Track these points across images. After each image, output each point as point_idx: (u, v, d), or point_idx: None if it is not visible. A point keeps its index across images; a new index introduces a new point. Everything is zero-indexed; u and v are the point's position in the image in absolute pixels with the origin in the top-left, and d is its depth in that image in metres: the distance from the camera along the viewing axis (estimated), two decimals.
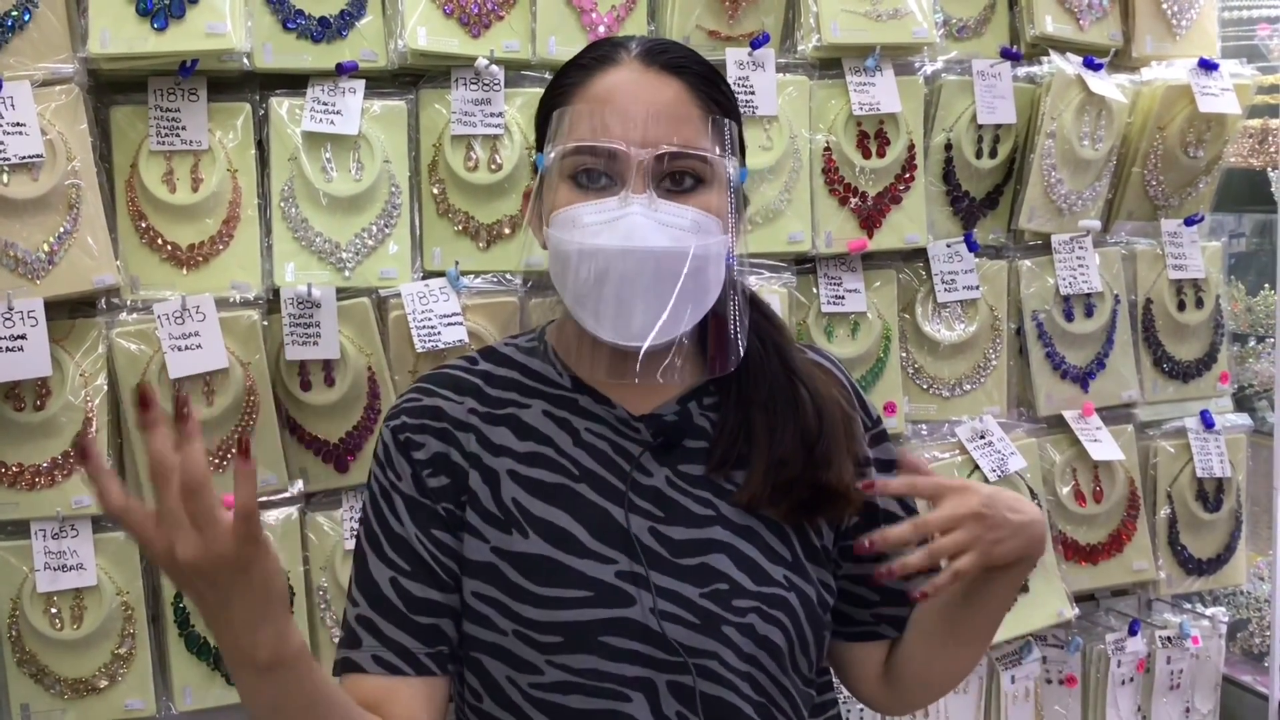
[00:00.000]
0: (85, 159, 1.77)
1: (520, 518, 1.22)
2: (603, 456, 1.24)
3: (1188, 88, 2.26)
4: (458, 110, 1.92)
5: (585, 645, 1.17)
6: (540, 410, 1.27)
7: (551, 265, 1.22)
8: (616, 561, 1.20)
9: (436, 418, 1.25)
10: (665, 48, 1.24)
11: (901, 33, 2.10)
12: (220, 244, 1.86)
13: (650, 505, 1.23)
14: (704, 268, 1.18)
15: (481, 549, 1.22)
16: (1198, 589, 2.48)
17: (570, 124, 1.19)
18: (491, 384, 1.29)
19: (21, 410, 1.77)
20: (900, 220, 2.16)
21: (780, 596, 1.21)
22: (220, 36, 1.76)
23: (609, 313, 1.16)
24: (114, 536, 1.83)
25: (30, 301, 1.72)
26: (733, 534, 1.22)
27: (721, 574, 1.20)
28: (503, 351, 1.33)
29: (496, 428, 1.26)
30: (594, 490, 1.23)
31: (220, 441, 1.84)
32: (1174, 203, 2.39)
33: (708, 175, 1.20)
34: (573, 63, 1.26)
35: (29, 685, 1.82)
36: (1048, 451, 2.31)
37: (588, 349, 1.23)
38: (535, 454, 1.25)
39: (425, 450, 1.24)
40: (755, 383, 1.27)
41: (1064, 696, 2.41)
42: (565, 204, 1.19)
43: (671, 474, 1.24)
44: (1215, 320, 2.44)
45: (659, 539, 1.21)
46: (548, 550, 1.20)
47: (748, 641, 1.19)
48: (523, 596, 1.19)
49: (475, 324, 1.91)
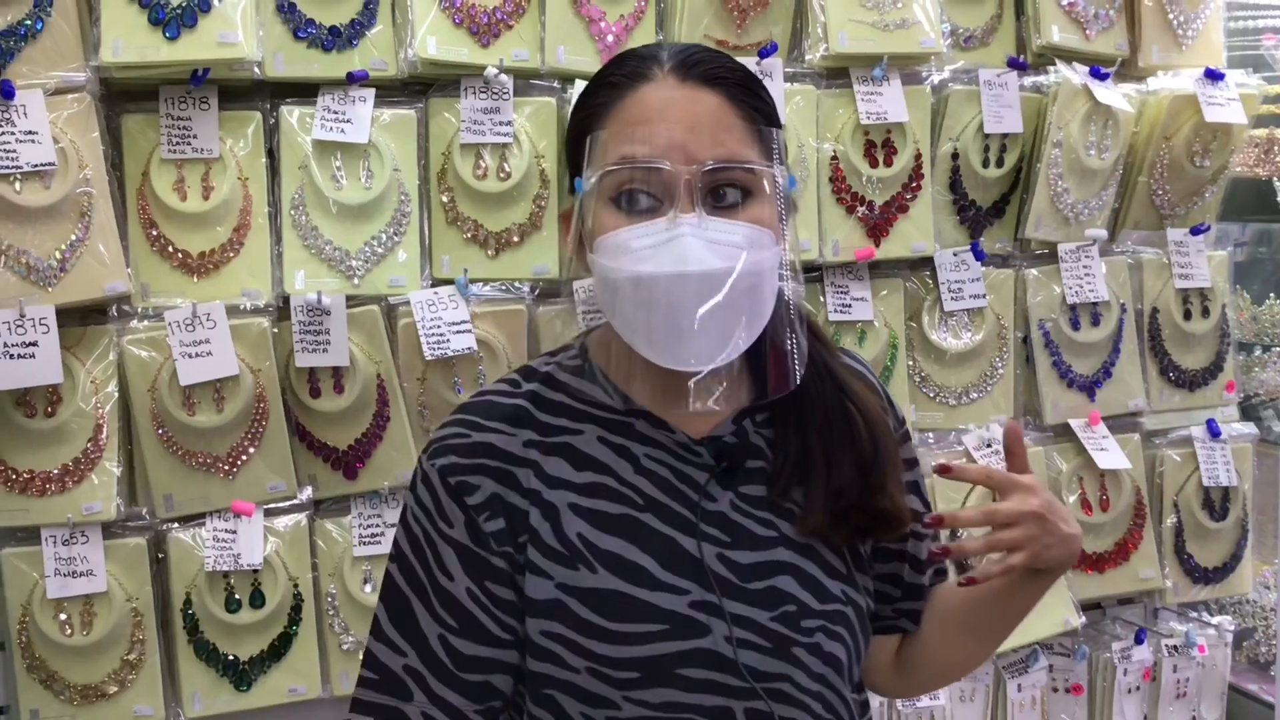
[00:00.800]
0: (97, 167, 1.78)
1: (586, 552, 1.17)
2: (665, 484, 1.21)
3: (1194, 97, 2.26)
4: (467, 119, 1.93)
5: (663, 679, 1.15)
6: (595, 436, 1.22)
7: (600, 291, 1.17)
8: (689, 592, 1.17)
9: (491, 455, 1.19)
10: (700, 59, 1.18)
11: (909, 42, 2.11)
12: (231, 252, 1.86)
13: (717, 531, 1.20)
14: (759, 284, 1.14)
15: (546, 586, 1.17)
16: (1204, 598, 2.48)
17: (608, 146, 1.15)
18: (541, 408, 1.23)
19: (33, 417, 1.78)
20: (907, 229, 2.17)
21: (841, 612, 1.21)
22: (232, 46, 1.77)
23: (664, 339, 1.12)
24: (124, 543, 1.84)
25: (42, 309, 1.73)
26: (795, 553, 1.21)
27: (789, 595, 1.19)
28: (544, 370, 1.26)
29: (550, 458, 1.20)
30: (660, 520, 1.19)
31: (230, 447, 1.85)
32: (1180, 212, 2.39)
33: (755, 186, 1.15)
34: (603, 81, 1.21)
35: (39, 691, 1.82)
36: (1054, 460, 2.31)
37: (640, 370, 1.18)
38: (596, 484, 1.20)
39: (480, 493, 1.18)
40: (809, 404, 1.23)
41: (1070, 705, 2.41)
42: (610, 228, 1.14)
43: (735, 497, 1.22)
44: (1221, 329, 2.45)
45: (727, 564, 1.19)
46: (618, 584, 1.16)
47: (816, 660, 1.18)
48: (595, 633, 1.15)
49: (484, 331, 1.92)
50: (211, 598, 1.86)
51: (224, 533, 1.86)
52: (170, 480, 1.84)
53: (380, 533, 1.95)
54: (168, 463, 1.84)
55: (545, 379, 1.25)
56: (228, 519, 1.86)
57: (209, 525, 1.86)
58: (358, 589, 1.93)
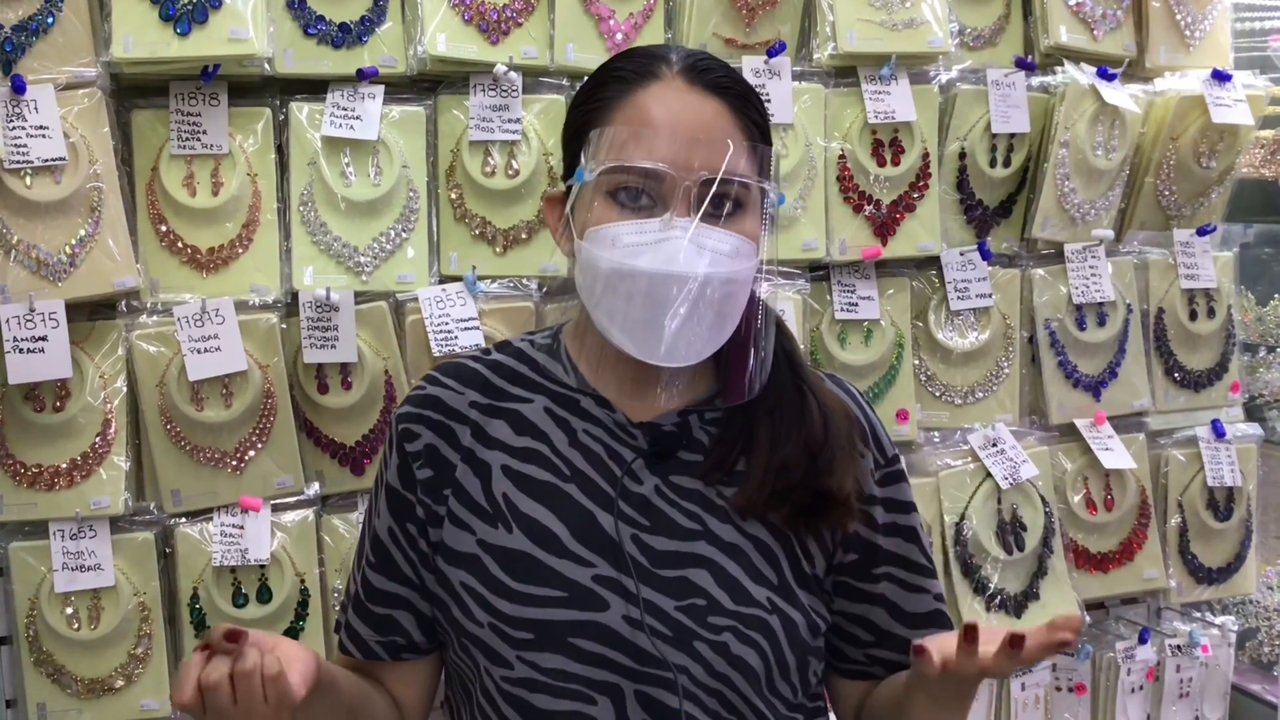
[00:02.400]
0: (107, 162, 1.78)
1: (507, 512, 1.24)
2: (596, 459, 1.26)
3: (1201, 98, 2.26)
4: (476, 116, 1.93)
5: (554, 645, 1.19)
6: (542, 407, 1.29)
7: (581, 278, 1.22)
8: (595, 565, 1.21)
9: (435, 409, 1.29)
10: (708, 65, 1.23)
11: (917, 42, 2.11)
12: (240, 247, 1.87)
13: (635, 513, 1.23)
14: (737, 292, 1.19)
15: (467, 540, 1.24)
16: (1208, 598, 2.48)
17: (613, 141, 1.19)
18: (498, 374, 1.32)
19: (41, 411, 1.79)
20: (914, 228, 2.17)
21: (759, 618, 1.21)
22: (242, 42, 1.77)
23: (639, 332, 1.17)
24: (132, 537, 1.84)
25: (51, 303, 1.73)
26: (718, 550, 1.23)
27: (700, 589, 1.21)
28: (517, 345, 1.36)
29: (495, 420, 1.28)
30: (582, 492, 1.24)
31: (238, 443, 1.85)
32: (1186, 212, 2.39)
33: (747, 200, 1.21)
34: (611, 74, 1.25)
35: (46, 685, 1.83)
36: (1059, 459, 2.32)
37: (610, 362, 1.24)
38: (530, 450, 1.27)
39: (419, 442, 1.29)
40: (764, 390, 1.26)
41: (1074, 704, 2.41)
42: (604, 221, 1.19)
43: (662, 483, 1.25)
44: (1227, 330, 2.45)
45: (640, 547, 1.22)
46: (528, 547, 1.22)
47: (719, 659, 1.19)
48: (499, 590, 1.21)
49: (492, 328, 1.92)
50: (218, 592, 1.86)
51: (231, 528, 1.86)
52: (178, 475, 1.85)
53: None
54: (176, 458, 1.84)
55: (515, 352, 1.35)
56: (235, 514, 1.87)
57: (216, 520, 1.86)
58: None
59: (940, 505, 2.21)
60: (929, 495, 2.19)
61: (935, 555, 2.20)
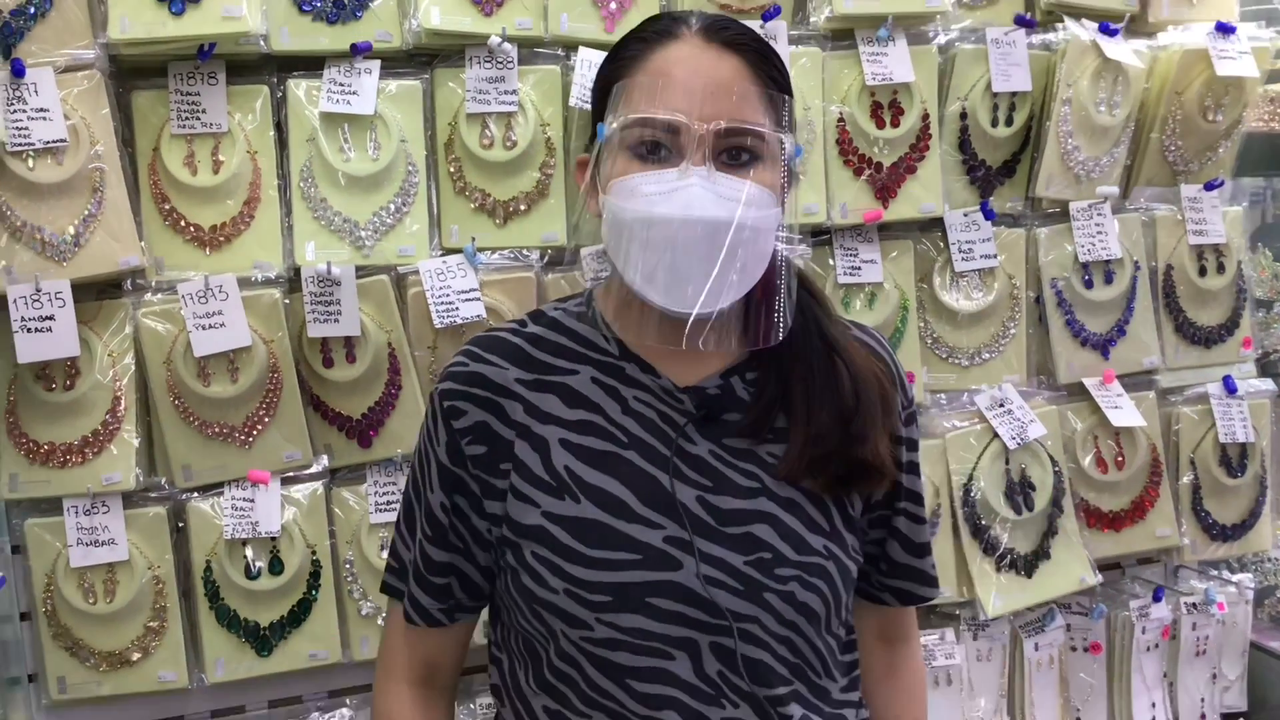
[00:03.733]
0: (108, 143, 1.80)
1: (572, 483, 1.27)
2: (650, 425, 1.29)
3: (1205, 52, 2.24)
4: (472, 88, 1.94)
5: (633, 605, 1.23)
6: (589, 377, 1.31)
7: (607, 232, 1.25)
8: (664, 527, 1.25)
9: (482, 385, 1.31)
10: (725, 24, 1.26)
11: (914, 2, 2.10)
12: (242, 224, 1.89)
13: (698, 475, 1.27)
14: (756, 239, 1.21)
15: (532, 513, 1.27)
16: (1222, 555, 2.47)
17: (632, 96, 1.22)
18: (539, 347, 1.33)
19: (52, 390, 1.82)
20: (916, 190, 2.17)
21: (820, 565, 1.27)
22: (237, 20, 1.79)
23: (663, 279, 1.19)
24: (144, 512, 1.88)
25: (57, 283, 1.76)
26: (776, 505, 1.27)
27: (765, 543, 1.25)
28: (551, 315, 1.37)
29: (545, 395, 1.30)
30: (642, 457, 1.27)
31: (245, 417, 1.88)
32: (1193, 168, 2.37)
33: (763, 151, 1.23)
34: (633, 35, 1.29)
35: (65, 658, 1.87)
36: (1069, 419, 2.31)
37: (636, 314, 1.26)
38: (585, 422, 1.29)
39: (466, 419, 1.30)
40: (795, 357, 1.30)
41: (1089, 664, 2.41)
42: (624, 174, 1.22)
43: (716, 446, 1.28)
44: (1238, 285, 2.43)
45: (706, 508, 1.26)
46: (598, 514, 1.25)
47: (788, 608, 1.25)
48: (573, 558, 1.24)
49: (492, 299, 1.94)
50: (231, 565, 1.89)
51: (242, 501, 1.89)
52: (188, 450, 1.88)
53: (396, 500, 1.97)
54: (185, 433, 1.87)
55: (550, 323, 1.36)
56: (245, 488, 1.89)
57: (227, 494, 1.89)
58: (375, 555, 1.96)
59: (948, 467, 2.21)
60: (936, 457, 2.19)
61: (944, 517, 2.21)
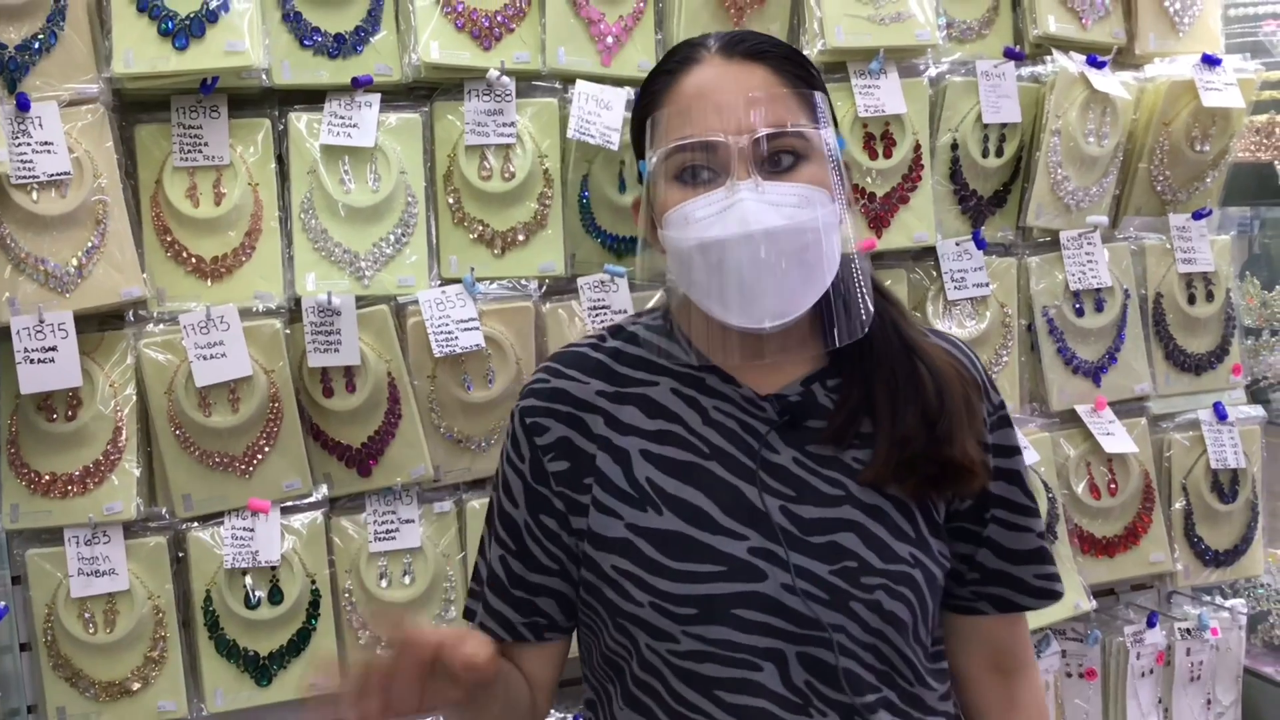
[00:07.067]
0: (111, 176, 1.82)
1: (654, 495, 1.26)
2: (732, 435, 1.27)
3: (1191, 83, 2.28)
4: (471, 121, 1.96)
5: (719, 617, 1.21)
6: (669, 388, 1.30)
7: (672, 264, 1.25)
8: (748, 538, 1.23)
9: (564, 401, 1.30)
10: (743, 37, 1.26)
11: (905, 35, 2.14)
12: (243, 256, 1.91)
13: (780, 484, 1.26)
14: (819, 240, 1.19)
15: (615, 526, 1.26)
16: (1215, 581, 2.48)
17: (666, 126, 1.23)
18: (620, 361, 1.33)
19: (54, 420, 1.83)
20: (909, 219, 2.19)
21: (906, 574, 1.24)
22: (239, 54, 1.82)
23: (735, 300, 1.19)
24: (145, 542, 1.88)
25: (60, 314, 1.77)
26: (862, 513, 1.25)
27: (850, 552, 1.23)
28: (630, 329, 1.37)
29: (625, 406, 1.30)
30: (724, 468, 1.26)
31: (246, 447, 1.89)
32: (1181, 197, 2.41)
33: (806, 150, 1.21)
34: (657, 70, 1.29)
35: (64, 688, 1.87)
36: (1061, 446, 2.33)
37: (717, 333, 1.25)
38: (665, 432, 1.28)
39: (549, 435, 1.29)
40: (877, 360, 1.28)
41: (1084, 689, 2.42)
42: (674, 204, 1.21)
43: (799, 454, 1.27)
44: (1226, 313, 2.46)
45: (790, 517, 1.24)
46: (682, 527, 1.24)
47: (874, 616, 1.22)
48: (658, 570, 1.23)
49: (491, 329, 1.96)
50: (231, 594, 1.90)
51: (242, 531, 1.90)
52: (188, 480, 1.89)
53: (395, 529, 1.99)
54: (186, 463, 1.88)
55: (629, 337, 1.36)
56: (245, 517, 1.90)
57: (227, 524, 1.90)
58: (374, 584, 1.97)
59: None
60: None
61: None
